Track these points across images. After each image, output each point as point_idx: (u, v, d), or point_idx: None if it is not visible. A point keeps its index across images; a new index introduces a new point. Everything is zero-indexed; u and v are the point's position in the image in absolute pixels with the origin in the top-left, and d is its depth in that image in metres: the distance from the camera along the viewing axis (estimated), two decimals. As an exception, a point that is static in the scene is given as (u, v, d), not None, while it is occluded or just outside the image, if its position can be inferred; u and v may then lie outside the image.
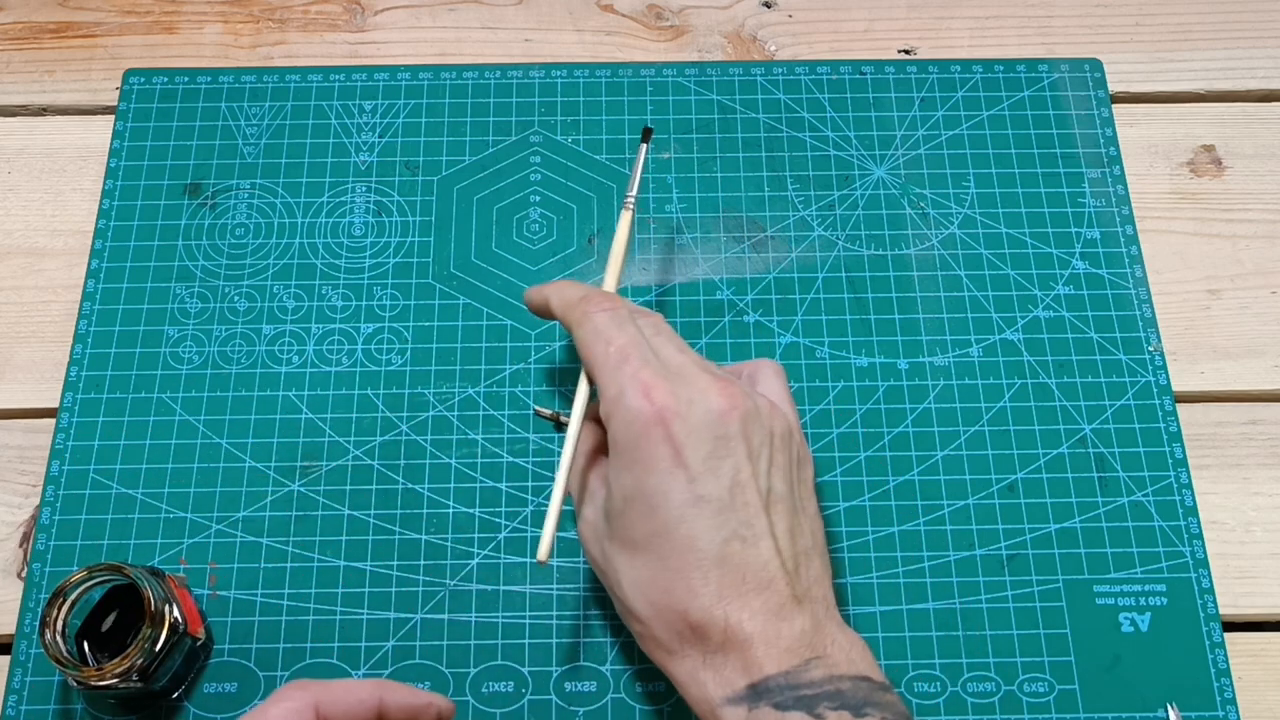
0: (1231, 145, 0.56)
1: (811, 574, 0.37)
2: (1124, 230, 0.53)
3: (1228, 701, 0.44)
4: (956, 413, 0.49)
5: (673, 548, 0.36)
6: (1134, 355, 0.51)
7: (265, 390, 0.50)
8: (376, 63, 0.58)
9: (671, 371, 0.38)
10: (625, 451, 0.37)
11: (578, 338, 0.40)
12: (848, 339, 0.51)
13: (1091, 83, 0.57)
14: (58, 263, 0.53)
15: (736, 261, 0.53)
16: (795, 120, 0.56)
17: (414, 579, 0.46)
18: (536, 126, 0.56)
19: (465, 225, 0.53)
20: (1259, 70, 0.58)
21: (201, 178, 0.54)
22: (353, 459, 0.48)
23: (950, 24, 0.60)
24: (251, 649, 0.45)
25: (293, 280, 0.52)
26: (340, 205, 0.54)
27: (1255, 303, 0.53)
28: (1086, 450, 0.49)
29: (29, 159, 0.56)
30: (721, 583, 0.35)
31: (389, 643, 0.45)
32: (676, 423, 0.36)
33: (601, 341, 0.39)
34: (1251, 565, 0.47)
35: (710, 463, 0.36)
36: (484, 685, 0.45)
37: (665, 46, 0.59)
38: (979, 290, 0.52)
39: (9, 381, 0.51)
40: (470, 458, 0.48)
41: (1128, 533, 0.47)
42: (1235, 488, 0.49)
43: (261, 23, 0.59)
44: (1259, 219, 0.55)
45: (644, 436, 0.36)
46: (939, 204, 0.54)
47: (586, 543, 0.40)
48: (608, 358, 0.38)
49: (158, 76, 0.57)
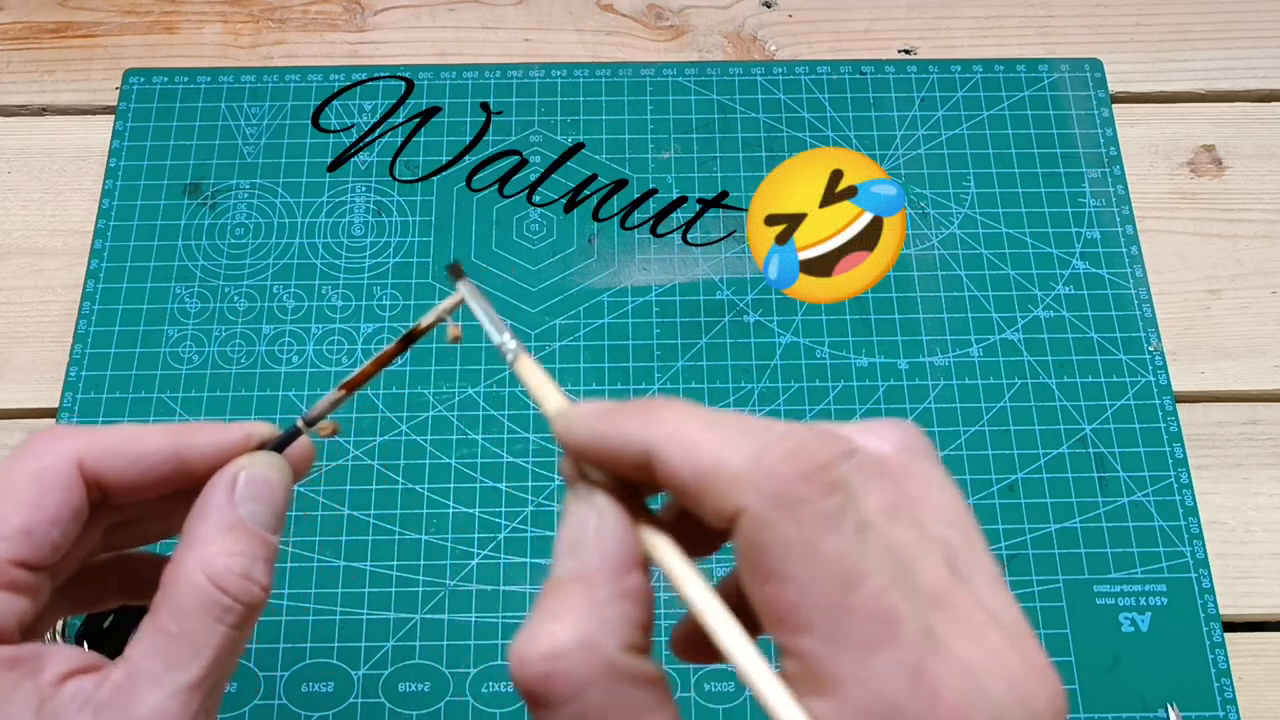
0: (1231, 145, 0.56)
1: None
2: (1124, 230, 0.53)
3: (1228, 701, 0.44)
4: (956, 413, 0.49)
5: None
6: (1134, 355, 0.51)
7: (265, 390, 0.50)
8: (376, 63, 0.58)
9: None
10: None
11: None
12: (848, 339, 0.51)
13: (1091, 83, 0.57)
14: (57, 263, 0.53)
15: (736, 261, 0.53)
16: (795, 120, 0.56)
17: (414, 579, 0.46)
18: (536, 126, 0.56)
19: (465, 225, 0.53)
20: (1259, 70, 0.58)
21: (201, 178, 0.54)
22: (353, 459, 0.48)
23: (950, 24, 0.60)
24: (251, 649, 0.45)
25: (293, 280, 0.52)
26: (340, 205, 0.54)
27: (1255, 303, 0.53)
28: (1087, 450, 0.49)
29: (29, 159, 0.56)
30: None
31: (389, 643, 0.45)
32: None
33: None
34: (1251, 565, 0.47)
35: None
36: (484, 685, 0.45)
37: (665, 46, 0.59)
38: (979, 290, 0.52)
39: (9, 381, 0.51)
40: (470, 458, 0.48)
41: (1128, 533, 0.47)
42: (1235, 488, 0.49)
43: (261, 23, 0.59)
44: (1259, 219, 0.55)
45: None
46: (939, 204, 0.54)
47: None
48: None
49: (158, 76, 0.57)
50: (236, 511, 0.26)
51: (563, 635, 0.21)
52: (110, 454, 0.26)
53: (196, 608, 0.25)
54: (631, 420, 0.22)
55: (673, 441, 0.21)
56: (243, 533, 0.26)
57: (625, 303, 0.52)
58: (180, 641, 0.25)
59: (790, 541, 0.20)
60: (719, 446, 0.21)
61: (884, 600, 0.20)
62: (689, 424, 0.22)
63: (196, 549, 0.26)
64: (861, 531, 0.21)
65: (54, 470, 0.26)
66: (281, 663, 0.45)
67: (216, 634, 0.25)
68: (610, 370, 0.50)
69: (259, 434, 0.28)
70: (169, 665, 0.25)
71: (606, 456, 0.23)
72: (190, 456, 0.27)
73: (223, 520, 0.26)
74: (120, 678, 0.25)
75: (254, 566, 0.26)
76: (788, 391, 0.50)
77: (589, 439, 0.23)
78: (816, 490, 0.20)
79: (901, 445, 0.23)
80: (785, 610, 0.20)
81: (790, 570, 0.20)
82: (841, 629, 0.20)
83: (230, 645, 0.26)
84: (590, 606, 0.21)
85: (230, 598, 0.25)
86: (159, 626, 0.25)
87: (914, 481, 0.23)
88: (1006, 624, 0.21)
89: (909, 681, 0.19)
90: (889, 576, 0.20)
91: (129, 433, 0.27)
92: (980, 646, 0.20)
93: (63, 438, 0.26)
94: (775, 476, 0.21)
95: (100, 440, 0.26)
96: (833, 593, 0.20)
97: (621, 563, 0.22)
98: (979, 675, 0.20)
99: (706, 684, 0.45)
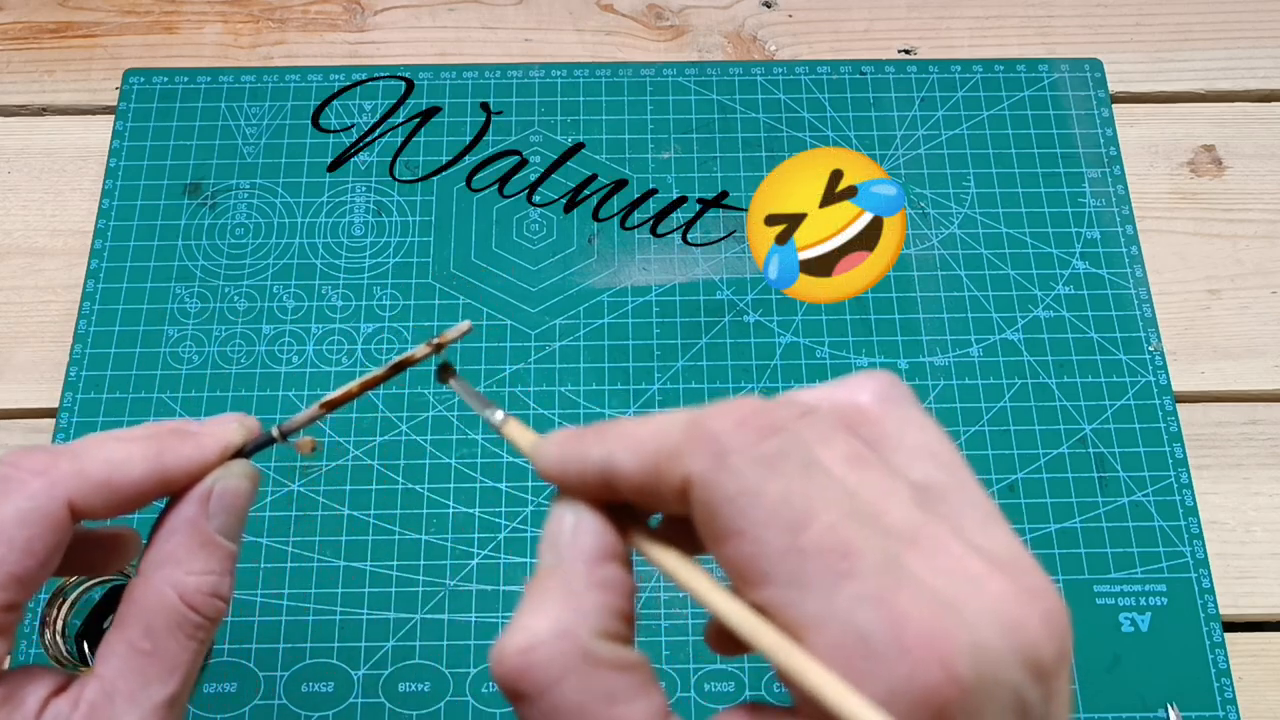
0: (1231, 145, 0.56)
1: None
2: (1124, 230, 0.53)
3: (1228, 702, 0.44)
4: (957, 413, 0.49)
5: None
6: (1134, 355, 0.51)
7: (265, 390, 0.50)
8: (376, 63, 0.58)
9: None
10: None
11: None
12: (848, 339, 0.51)
13: (1091, 83, 0.57)
14: (58, 263, 0.53)
15: (736, 261, 0.53)
16: (795, 120, 0.56)
17: (414, 579, 0.46)
18: (536, 126, 0.56)
19: (465, 225, 0.53)
20: (1259, 70, 0.58)
21: (201, 178, 0.54)
22: (353, 459, 0.48)
23: (950, 24, 0.60)
24: (251, 649, 0.45)
25: (293, 280, 0.52)
26: (340, 205, 0.54)
27: (1255, 303, 0.53)
28: (1087, 450, 0.49)
29: (29, 159, 0.56)
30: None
31: (389, 643, 0.45)
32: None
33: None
34: (1251, 565, 0.47)
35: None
36: (484, 685, 0.45)
37: (665, 46, 0.59)
38: (979, 290, 0.52)
39: (9, 381, 0.51)
40: (470, 458, 0.48)
41: (1128, 533, 0.47)
42: (1235, 488, 0.49)
43: (261, 23, 0.59)
44: (1259, 219, 0.55)
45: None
46: (939, 204, 0.54)
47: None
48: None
49: (158, 76, 0.57)
50: (208, 527, 0.26)
51: (539, 627, 0.21)
52: (99, 489, 0.26)
53: (169, 626, 0.25)
54: (589, 439, 0.23)
55: (622, 446, 0.22)
56: (214, 549, 0.26)
57: (625, 303, 0.52)
58: (154, 660, 0.25)
59: (734, 493, 0.20)
60: (659, 431, 0.22)
61: (837, 535, 0.19)
62: (635, 428, 0.22)
63: (168, 568, 0.26)
64: (808, 469, 0.20)
65: (46, 513, 0.25)
66: (281, 663, 0.45)
67: (189, 650, 0.25)
68: (610, 370, 0.50)
69: (234, 445, 0.28)
70: (145, 683, 0.25)
71: (571, 478, 0.23)
72: (171, 477, 0.27)
73: (195, 537, 0.26)
74: (96, 697, 0.25)
75: (222, 583, 0.26)
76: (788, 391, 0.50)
77: (557, 463, 0.23)
78: (752, 435, 0.21)
79: (878, 394, 0.23)
80: (745, 565, 0.20)
81: (740, 523, 0.20)
82: (799, 572, 0.19)
83: (198, 659, 0.26)
84: (565, 597, 0.21)
85: (200, 616, 0.26)
86: (132, 645, 0.25)
87: (892, 425, 0.23)
88: (995, 553, 0.20)
89: (873, 611, 0.19)
90: (841, 513, 0.20)
91: (113, 461, 0.26)
92: (956, 576, 0.20)
93: (50, 471, 0.25)
94: (710, 435, 0.21)
95: (89, 477, 0.25)
96: (784, 536, 0.20)
97: (596, 554, 0.22)
98: (953, 602, 0.19)
99: (706, 684, 0.45)
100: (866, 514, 0.20)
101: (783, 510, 0.20)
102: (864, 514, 0.20)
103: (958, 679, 0.18)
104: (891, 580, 0.19)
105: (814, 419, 0.22)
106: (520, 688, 0.21)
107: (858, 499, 0.20)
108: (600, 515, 0.23)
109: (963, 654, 0.19)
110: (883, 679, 0.19)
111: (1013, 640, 0.19)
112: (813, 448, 0.21)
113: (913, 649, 0.19)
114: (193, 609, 0.25)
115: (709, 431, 0.21)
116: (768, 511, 0.20)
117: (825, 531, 0.20)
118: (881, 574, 0.19)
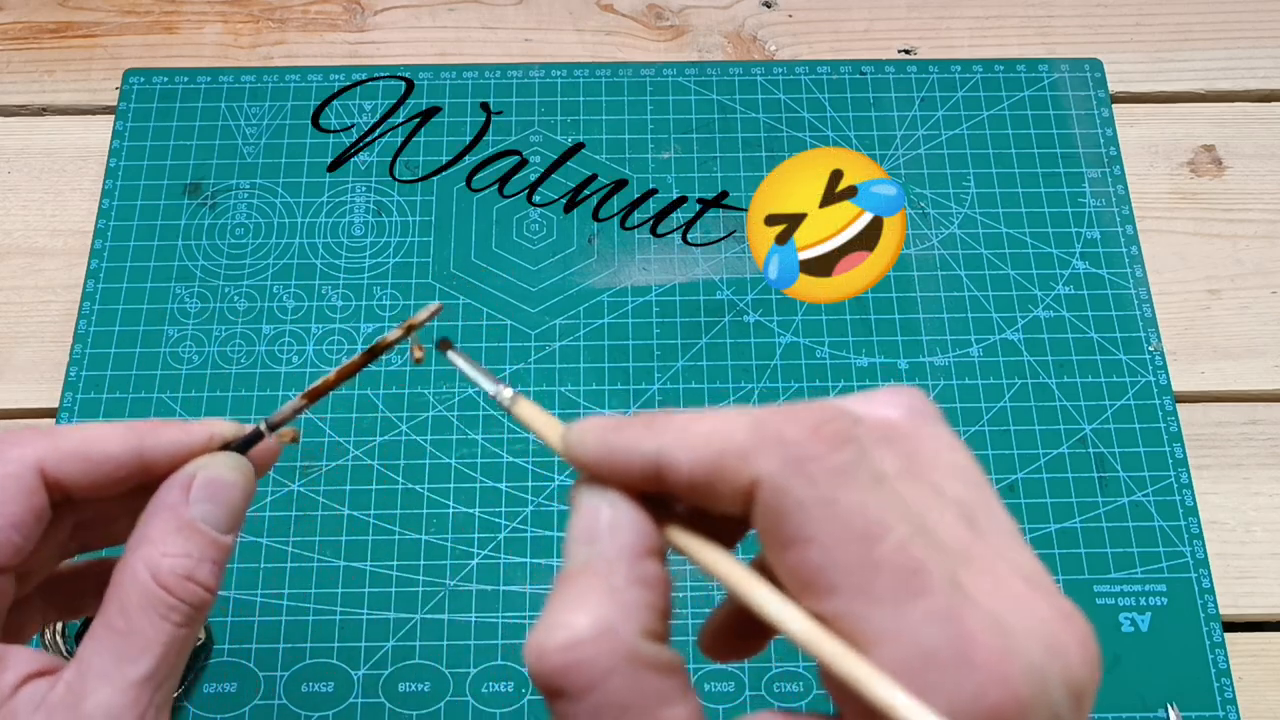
0: (1231, 145, 0.56)
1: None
2: (1124, 230, 0.53)
3: (1228, 702, 0.44)
4: (957, 413, 0.49)
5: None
6: (1134, 355, 0.51)
7: (265, 390, 0.50)
8: (376, 63, 0.58)
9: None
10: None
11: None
12: (848, 339, 0.51)
13: (1091, 83, 0.57)
14: (58, 263, 0.53)
15: (736, 261, 0.53)
16: (795, 120, 0.56)
17: (414, 579, 0.46)
18: (536, 126, 0.56)
19: (465, 225, 0.53)
20: (1259, 70, 0.58)
21: (201, 178, 0.54)
22: (353, 459, 0.48)
23: (950, 24, 0.60)
24: (251, 649, 0.45)
25: (293, 280, 0.52)
26: (340, 205, 0.54)
27: (1255, 303, 0.53)
28: (1087, 450, 0.49)
29: (29, 159, 0.56)
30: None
31: (389, 643, 0.45)
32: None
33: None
34: (1251, 565, 0.47)
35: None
36: (484, 685, 0.45)
37: (665, 46, 0.59)
38: (979, 290, 0.52)
39: (9, 381, 0.51)
40: (470, 458, 0.48)
41: (1128, 533, 0.47)
42: (1235, 488, 0.49)
43: (261, 23, 0.59)
44: (1259, 219, 0.55)
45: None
46: (939, 204, 0.54)
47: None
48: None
49: (158, 76, 0.57)
50: (189, 512, 0.26)
51: (581, 624, 0.20)
52: (71, 457, 0.26)
53: (142, 605, 0.25)
54: (637, 430, 0.22)
55: (679, 442, 0.21)
56: (192, 533, 0.26)
57: (625, 303, 0.52)
58: (128, 638, 0.25)
59: (807, 501, 0.20)
60: (722, 431, 0.21)
61: (910, 551, 0.19)
62: (691, 423, 0.22)
63: (144, 547, 0.26)
64: (879, 483, 0.20)
65: (15, 476, 0.26)
66: (281, 663, 0.45)
67: (164, 631, 0.25)
68: (610, 370, 0.50)
69: (222, 434, 0.28)
70: (118, 661, 0.25)
71: (617, 468, 0.22)
72: (153, 457, 0.27)
73: (173, 520, 0.26)
74: (71, 676, 0.25)
75: (199, 568, 0.26)
76: (788, 391, 0.50)
77: (600, 451, 0.23)
78: (827, 444, 0.20)
79: (909, 409, 0.23)
80: (811, 574, 0.20)
81: (811, 531, 0.20)
82: (869, 584, 0.19)
83: (178, 642, 0.26)
84: (608, 594, 0.21)
85: (175, 598, 0.25)
86: (107, 623, 0.25)
87: (924, 443, 0.22)
88: (1029, 575, 0.21)
89: (942, 630, 0.19)
90: (911, 528, 0.20)
91: (90, 435, 0.26)
92: (1007, 597, 0.20)
93: (23, 442, 0.26)
94: (784, 440, 0.20)
95: (62, 444, 0.26)
96: (856, 548, 0.20)
97: (637, 549, 0.22)
98: (1009, 624, 0.19)
99: (706, 684, 0.45)
100: (928, 530, 0.20)
101: (856, 522, 0.20)
102: (926, 530, 0.20)
103: (1018, 698, 0.19)
104: (958, 599, 0.19)
105: (866, 429, 0.21)
106: (562, 686, 0.20)
107: (919, 514, 0.20)
108: (639, 507, 0.22)
109: (1022, 674, 0.19)
110: (946, 694, 0.19)
111: (1057, 662, 0.19)
112: (876, 458, 0.21)
113: (979, 667, 0.19)
114: (166, 589, 0.25)
115: (781, 435, 0.21)
116: (841, 523, 0.20)
117: (897, 547, 0.20)
118: (949, 592, 0.19)
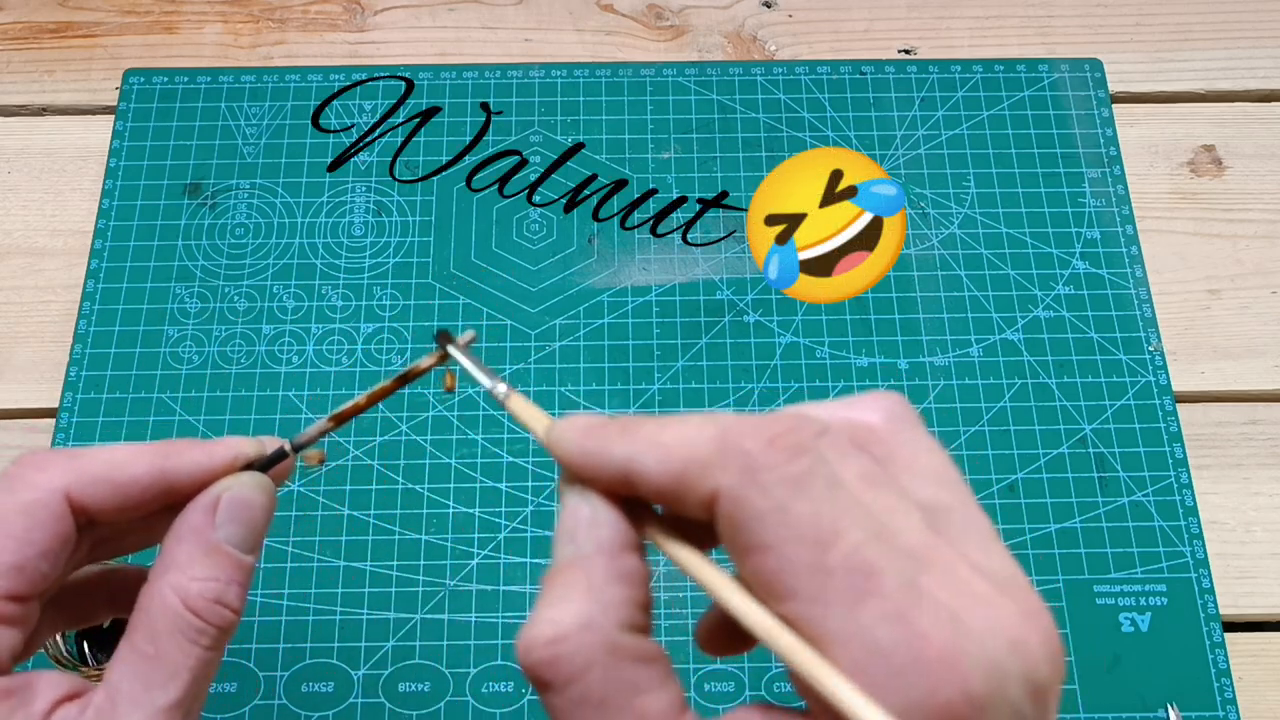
0: (1231, 145, 0.56)
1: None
2: (1124, 230, 0.53)
3: (1228, 702, 0.44)
4: (957, 413, 0.49)
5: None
6: (1134, 355, 0.51)
7: (265, 390, 0.50)
8: (376, 63, 0.58)
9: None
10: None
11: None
12: (848, 339, 0.51)
13: (1091, 83, 0.57)
14: (58, 263, 0.53)
15: (736, 261, 0.53)
16: (795, 120, 0.56)
17: (414, 579, 0.46)
18: (536, 126, 0.56)
19: (465, 225, 0.53)
20: (1259, 70, 0.58)
21: (201, 178, 0.54)
22: (353, 459, 0.48)
23: (950, 24, 0.60)
24: (251, 649, 0.45)
25: (293, 280, 0.52)
26: (340, 205, 0.54)
27: (1255, 303, 0.53)
28: (1087, 450, 0.49)
29: (29, 159, 0.56)
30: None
31: (389, 643, 0.45)
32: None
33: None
34: (1251, 565, 0.47)
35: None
36: (484, 685, 0.45)
37: (665, 46, 0.59)
38: (979, 290, 0.52)
39: (9, 381, 0.51)
40: (470, 458, 0.48)
41: (1128, 533, 0.47)
42: (1235, 488, 0.49)
43: (261, 23, 0.59)
44: (1259, 219, 0.55)
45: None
46: (939, 204, 0.54)
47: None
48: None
49: (158, 76, 0.57)
50: (214, 535, 0.26)
51: (564, 619, 0.21)
52: (97, 482, 0.26)
53: (171, 630, 0.25)
54: (611, 436, 0.23)
55: (647, 451, 0.22)
56: (219, 557, 0.26)
57: (625, 303, 0.52)
58: (157, 664, 0.25)
59: (763, 511, 0.21)
60: (688, 441, 0.22)
61: (862, 554, 0.20)
62: (660, 431, 0.22)
63: (172, 573, 0.26)
64: (833, 490, 0.21)
65: (43, 504, 0.26)
66: (281, 663, 0.45)
67: (193, 656, 0.25)
68: (610, 370, 0.50)
69: (245, 455, 0.28)
70: (148, 687, 0.25)
71: (593, 471, 0.23)
72: (177, 479, 0.27)
73: (200, 544, 0.26)
74: (101, 701, 0.25)
75: (227, 591, 0.26)
76: (788, 391, 0.50)
77: (577, 454, 0.23)
78: (781, 455, 0.21)
79: (889, 414, 0.24)
80: (769, 579, 0.21)
81: (767, 539, 0.21)
82: (823, 588, 0.20)
83: (206, 665, 0.26)
84: (588, 589, 0.22)
85: (204, 621, 0.26)
86: (136, 649, 0.25)
87: (901, 448, 0.23)
88: (996, 575, 0.21)
89: (894, 630, 0.20)
90: (865, 533, 0.20)
91: (115, 459, 0.26)
92: (966, 595, 0.20)
93: (48, 467, 0.26)
94: (741, 451, 0.21)
95: (87, 468, 0.26)
96: (810, 553, 0.20)
97: (615, 545, 0.23)
98: (966, 621, 0.20)
99: (706, 684, 0.45)
100: (885, 534, 0.21)
101: (809, 529, 0.20)
102: (883, 534, 0.21)
103: (972, 696, 0.19)
104: (911, 599, 0.20)
105: (832, 438, 0.22)
106: (547, 677, 0.21)
107: (876, 519, 0.21)
108: (615, 507, 0.23)
109: (977, 672, 0.19)
110: (900, 693, 0.19)
111: (1017, 659, 0.20)
112: (835, 467, 0.21)
113: (932, 666, 0.19)
114: (195, 614, 0.26)
115: (740, 448, 0.21)
116: (795, 530, 0.21)
117: (850, 551, 0.20)
118: (901, 593, 0.20)
